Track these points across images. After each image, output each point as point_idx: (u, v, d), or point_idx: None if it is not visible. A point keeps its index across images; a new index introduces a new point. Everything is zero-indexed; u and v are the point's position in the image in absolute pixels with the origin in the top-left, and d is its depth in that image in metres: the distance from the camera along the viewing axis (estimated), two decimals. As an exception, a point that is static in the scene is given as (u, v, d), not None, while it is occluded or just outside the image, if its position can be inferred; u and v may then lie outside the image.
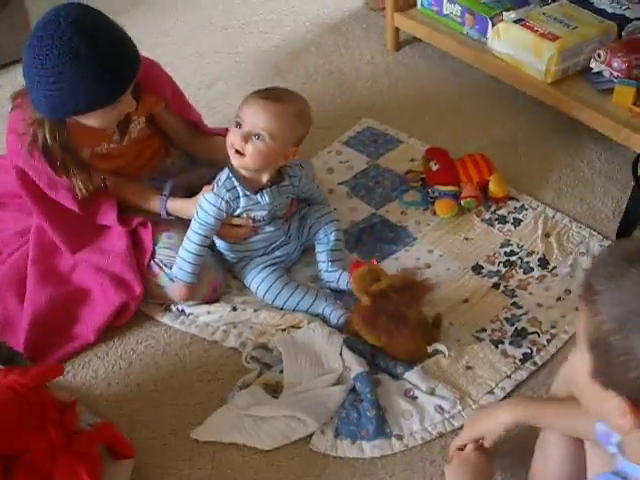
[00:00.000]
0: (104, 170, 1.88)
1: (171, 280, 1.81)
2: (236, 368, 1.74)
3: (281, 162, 1.79)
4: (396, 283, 1.64)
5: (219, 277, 1.87)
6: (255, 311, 1.81)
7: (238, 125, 1.71)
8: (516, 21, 2.35)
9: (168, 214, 1.87)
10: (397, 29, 2.71)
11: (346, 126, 2.44)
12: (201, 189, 1.90)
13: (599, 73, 2.27)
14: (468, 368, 1.71)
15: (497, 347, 1.75)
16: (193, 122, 2.02)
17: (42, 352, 1.74)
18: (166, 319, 1.85)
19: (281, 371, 1.70)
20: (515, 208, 2.11)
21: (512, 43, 2.32)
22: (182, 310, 1.86)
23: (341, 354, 1.70)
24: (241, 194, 1.77)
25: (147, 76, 1.74)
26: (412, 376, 1.68)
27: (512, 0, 2.48)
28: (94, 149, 1.84)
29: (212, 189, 1.77)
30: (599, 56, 2.26)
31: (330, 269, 1.89)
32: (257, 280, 1.86)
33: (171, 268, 1.81)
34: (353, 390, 1.65)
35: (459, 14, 2.50)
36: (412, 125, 2.43)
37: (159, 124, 1.98)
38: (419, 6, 2.64)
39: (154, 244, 1.84)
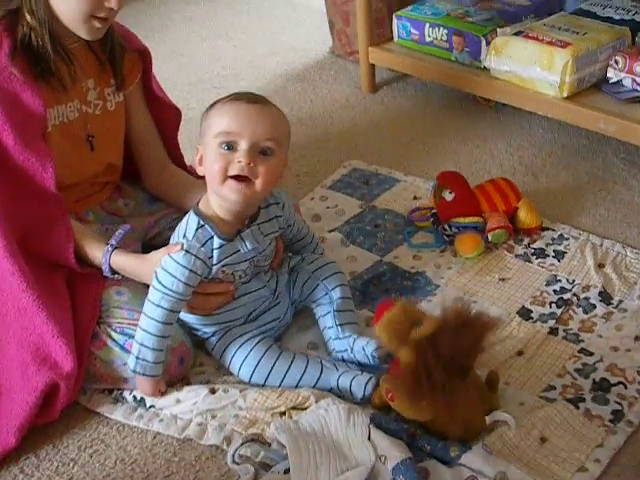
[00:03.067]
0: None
1: (122, 349, 1.33)
2: (221, 474, 1.25)
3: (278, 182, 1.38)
4: (447, 323, 1.17)
5: (187, 342, 1.40)
6: (241, 392, 1.33)
7: (229, 146, 1.27)
8: (516, 34, 2.02)
9: (112, 271, 1.39)
10: (373, 67, 2.36)
11: (327, 172, 2.04)
12: (154, 239, 1.55)
13: (618, 83, 1.94)
14: (544, 440, 1.24)
15: (577, 407, 1.29)
16: (167, 135, 1.66)
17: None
18: (118, 414, 1.35)
19: (286, 471, 1.20)
20: (553, 239, 1.69)
21: (515, 58, 1.99)
22: (140, 399, 1.35)
23: (369, 438, 1.22)
24: (216, 245, 1.32)
25: (128, 33, 1.56)
26: (472, 459, 1.20)
27: (502, 15, 2.18)
28: (53, 107, 1.42)
29: (181, 247, 1.30)
30: (617, 63, 1.93)
31: (341, 335, 1.42)
32: (237, 360, 1.38)
33: (121, 333, 1.33)
34: (392, 487, 1.16)
35: (445, 38, 2.17)
36: (406, 163, 2.04)
37: (128, 132, 1.60)
38: (396, 38, 2.30)
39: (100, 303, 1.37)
